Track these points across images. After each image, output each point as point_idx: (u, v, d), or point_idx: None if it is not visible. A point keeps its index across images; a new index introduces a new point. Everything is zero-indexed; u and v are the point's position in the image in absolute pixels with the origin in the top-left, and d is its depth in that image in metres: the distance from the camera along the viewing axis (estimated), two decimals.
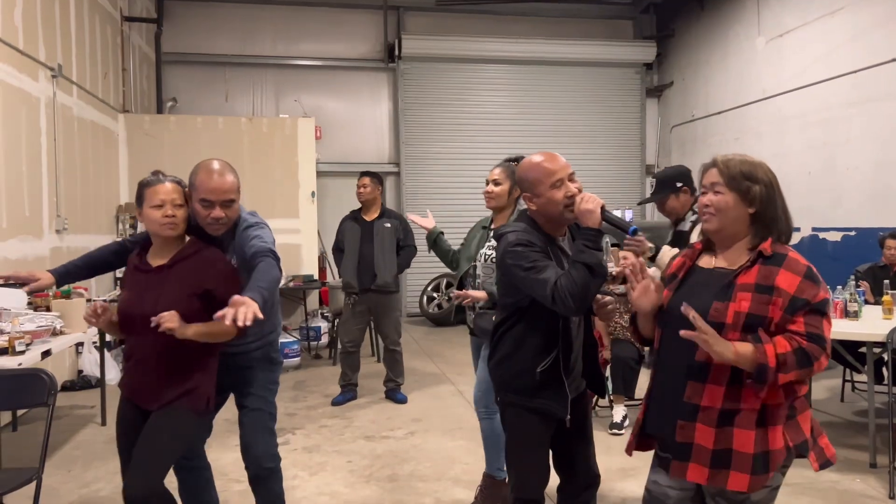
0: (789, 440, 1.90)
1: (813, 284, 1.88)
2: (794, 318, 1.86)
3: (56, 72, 5.94)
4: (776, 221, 1.98)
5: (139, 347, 2.53)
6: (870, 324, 4.32)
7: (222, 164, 2.65)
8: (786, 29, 8.45)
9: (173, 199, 2.51)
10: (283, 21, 10.41)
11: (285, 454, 4.42)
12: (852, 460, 4.22)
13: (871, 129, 7.20)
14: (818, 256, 7.85)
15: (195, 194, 2.59)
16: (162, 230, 2.51)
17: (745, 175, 1.98)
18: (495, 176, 3.48)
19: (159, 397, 2.48)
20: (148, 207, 2.51)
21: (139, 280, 2.56)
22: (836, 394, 5.66)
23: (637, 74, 11.43)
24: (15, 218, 5.18)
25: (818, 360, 1.84)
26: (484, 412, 3.50)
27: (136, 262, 2.62)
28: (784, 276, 1.89)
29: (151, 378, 2.49)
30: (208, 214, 2.59)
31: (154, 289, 2.48)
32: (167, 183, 2.54)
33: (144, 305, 2.44)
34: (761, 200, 1.97)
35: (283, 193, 8.31)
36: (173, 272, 2.51)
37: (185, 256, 2.54)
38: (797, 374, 1.84)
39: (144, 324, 2.35)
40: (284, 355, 6.84)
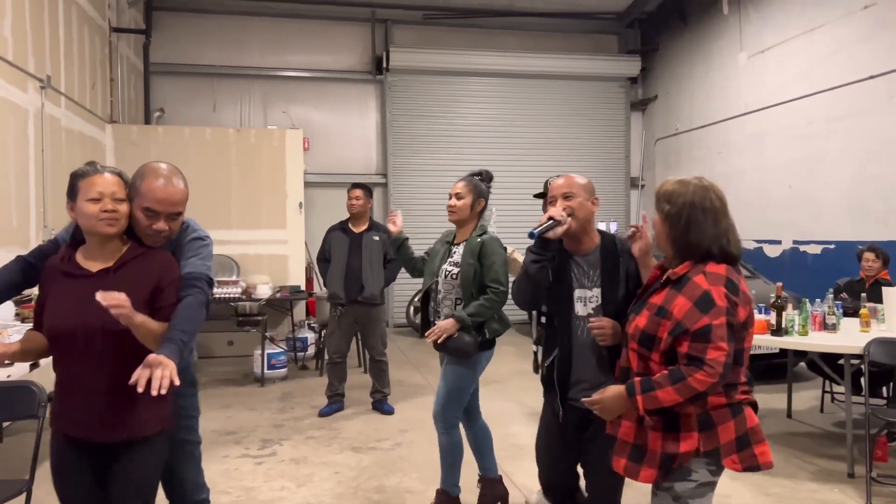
0: (701, 446, 2.03)
1: (698, 311, 1.98)
2: (679, 340, 2.01)
3: (45, 83, 5.95)
4: (683, 243, 2.08)
5: (86, 369, 2.13)
6: (848, 336, 4.41)
7: (171, 170, 2.35)
8: (767, 45, 8.61)
9: (113, 192, 2.17)
10: (271, 32, 10.46)
11: (273, 465, 4.46)
12: (831, 470, 4.31)
13: (850, 144, 7.35)
14: (799, 269, 7.99)
15: (138, 200, 2.28)
16: (99, 227, 2.15)
17: (665, 197, 2.13)
18: (458, 189, 3.48)
19: (121, 426, 2.15)
20: (83, 201, 2.15)
21: (73, 288, 2.16)
22: (815, 405, 5.75)
23: (622, 88, 11.58)
24: (2, 228, 5.18)
25: (694, 378, 1.96)
26: (442, 427, 3.50)
27: (63, 268, 2.21)
28: (679, 301, 2.02)
29: (106, 404, 2.13)
30: (150, 225, 2.29)
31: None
32: (106, 174, 2.20)
33: (89, 317, 2.07)
34: (671, 220, 2.10)
35: (271, 204, 8.33)
36: (121, 276, 2.17)
37: (133, 256, 2.23)
38: (676, 390, 1.99)
39: (91, 340, 2.09)
40: (271, 366, 6.85)
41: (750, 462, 2.05)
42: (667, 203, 2.11)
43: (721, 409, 2.05)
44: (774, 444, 4.80)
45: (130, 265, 2.21)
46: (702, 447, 2.03)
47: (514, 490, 4.00)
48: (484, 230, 3.50)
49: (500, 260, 3.40)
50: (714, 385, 1.97)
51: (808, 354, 5.05)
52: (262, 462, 4.54)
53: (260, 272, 7.96)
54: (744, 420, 2.07)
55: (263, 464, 4.51)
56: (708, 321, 1.96)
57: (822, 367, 4.88)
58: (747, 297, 2.06)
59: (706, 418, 2.04)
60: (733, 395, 2.07)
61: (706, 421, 2.04)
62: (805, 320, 4.40)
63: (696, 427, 2.04)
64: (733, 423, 2.05)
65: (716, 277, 2.02)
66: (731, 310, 1.99)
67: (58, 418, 2.22)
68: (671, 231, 2.10)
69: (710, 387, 1.97)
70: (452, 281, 3.46)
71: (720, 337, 1.95)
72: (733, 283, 2.03)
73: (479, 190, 3.51)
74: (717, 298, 1.97)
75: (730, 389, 2.07)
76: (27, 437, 4.51)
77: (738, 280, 2.05)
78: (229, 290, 7.06)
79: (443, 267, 3.51)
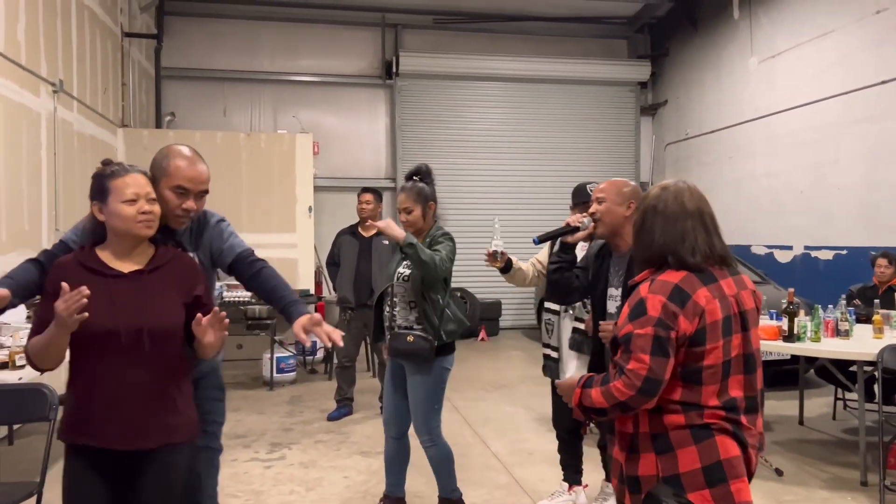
0: (660, 470, 1.88)
1: (628, 319, 1.91)
2: (616, 348, 1.94)
3: (57, 87, 6.00)
4: (641, 246, 2.04)
5: (123, 372, 2.02)
6: (860, 342, 4.37)
7: (193, 150, 2.42)
8: (778, 50, 8.58)
9: (147, 192, 2.11)
10: (281, 37, 10.51)
11: (282, 469, 4.46)
12: (843, 478, 4.26)
13: (861, 149, 7.31)
14: (811, 274, 7.94)
15: (167, 181, 2.30)
16: (137, 229, 2.09)
17: (640, 202, 2.13)
18: (405, 204, 3.40)
19: (154, 431, 2.06)
20: (118, 203, 2.07)
21: (107, 287, 2.05)
22: (827, 412, 5.70)
23: (632, 93, 11.55)
24: (14, 231, 5.21)
25: (615, 386, 1.86)
26: (428, 440, 3.39)
27: (91, 265, 2.09)
28: (625, 308, 1.98)
29: (140, 408, 2.04)
30: (180, 205, 2.31)
31: (138, 296, 2.06)
32: (136, 174, 2.13)
33: (130, 317, 2.02)
34: (633, 226, 2.11)
35: (281, 208, 8.35)
36: (157, 278, 2.12)
37: (166, 261, 2.17)
38: (602, 392, 1.90)
39: (135, 341, 2.01)
40: (280, 370, 6.86)
41: (725, 500, 1.83)
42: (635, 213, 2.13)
43: (679, 429, 1.86)
44: (786, 451, 4.77)
45: (165, 269, 2.14)
46: (661, 472, 1.86)
47: (525, 497, 3.99)
48: (439, 229, 3.45)
49: (447, 245, 3.35)
50: (635, 399, 1.83)
51: (818, 361, 5.02)
52: (272, 466, 4.54)
53: None
54: (713, 449, 1.84)
55: (272, 468, 4.51)
56: (631, 329, 1.86)
57: (831, 374, 4.84)
58: (699, 308, 1.86)
59: (663, 439, 1.88)
60: (696, 416, 1.86)
61: (663, 442, 1.88)
62: (817, 326, 4.37)
63: (652, 448, 1.89)
64: (696, 449, 1.84)
65: (661, 286, 1.89)
66: (667, 321, 1.83)
67: (76, 428, 2.04)
68: (635, 236, 2.07)
69: (630, 399, 1.83)
70: (405, 283, 3.38)
71: (640, 348, 1.83)
72: (682, 293, 1.86)
73: (425, 195, 3.42)
74: (649, 307, 1.85)
75: (690, 409, 1.87)
76: (38, 440, 4.53)
77: (693, 290, 1.87)
78: (239, 294, 7.08)
79: (398, 270, 3.43)
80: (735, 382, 1.91)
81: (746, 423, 1.91)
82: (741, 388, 1.92)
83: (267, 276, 2.43)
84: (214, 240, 2.45)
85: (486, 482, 4.21)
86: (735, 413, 1.90)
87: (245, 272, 2.50)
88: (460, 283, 9.64)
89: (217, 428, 2.60)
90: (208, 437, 2.52)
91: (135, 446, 2.03)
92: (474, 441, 5.04)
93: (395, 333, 3.35)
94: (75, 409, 2.06)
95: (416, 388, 3.37)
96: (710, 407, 1.87)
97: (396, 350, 3.33)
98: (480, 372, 7.39)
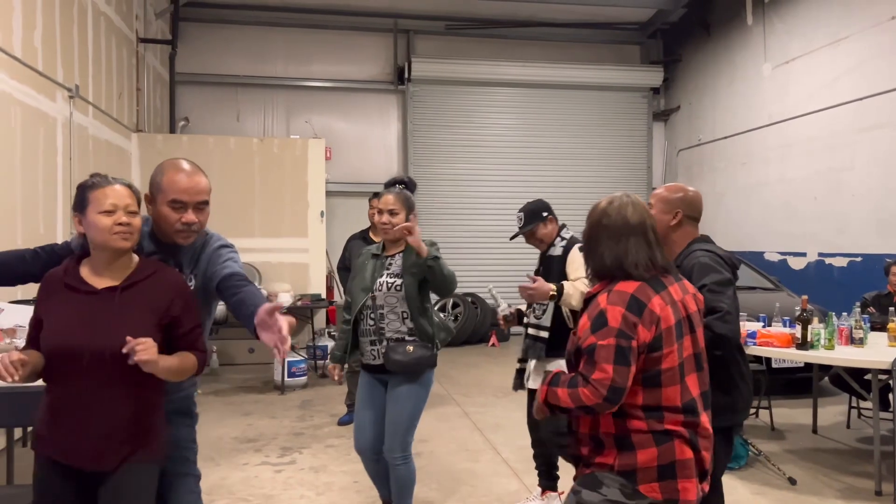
0: (616, 464, 2.00)
1: (588, 330, 1.99)
2: (577, 359, 2.03)
3: (73, 92, 6.07)
4: (594, 257, 2.12)
5: (84, 392, 1.99)
6: (875, 351, 4.33)
7: (191, 163, 2.31)
8: (791, 56, 8.54)
9: (127, 204, 2.06)
10: (294, 43, 10.57)
11: (292, 473, 4.47)
12: (858, 488, 4.22)
13: (878, 156, 7.25)
14: (824, 282, 7.87)
15: (161, 197, 2.22)
16: (113, 241, 2.03)
17: (588, 216, 2.18)
18: (392, 205, 3.26)
19: (113, 454, 2.02)
20: (95, 213, 2.03)
21: (77, 304, 2.03)
22: (841, 420, 5.65)
23: (644, 98, 11.53)
24: (30, 235, 5.26)
25: (582, 391, 1.94)
26: (402, 457, 3.25)
27: (67, 280, 2.07)
28: (583, 319, 2.05)
29: (102, 430, 2.00)
30: (179, 219, 2.22)
31: (105, 316, 2.01)
32: (117, 185, 2.09)
33: (96, 337, 1.98)
34: (584, 239, 2.19)
35: (293, 213, 8.39)
36: (130, 296, 2.05)
37: (144, 277, 2.09)
38: (569, 394, 1.97)
39: (96, 362, 1.96)
40: (291, 374, 6.88)
41: (670, 495, 1.98)
42: (587, 224, 2.18)
43: (642, 433, 1.99)
44: (800, 460, 4.72)
45: (140, 286, 2.07)
46: (616, 465, 2.00)
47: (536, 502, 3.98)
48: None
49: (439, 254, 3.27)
50: (601, 406, 1.93)
51: (833, 369, 4.98)
52: (282, 470, 4.55)
53: (281, 280, 8.02)
54: (671, 451, 1.99)
55: (283, 472, 4.52)
56: (594, 341, 1.95)
57: (846, 382, 4.80)
58: (655, 316, 1.98)
59: (626, 440, 2.00)
60: (656, 422, 1.99)
61: (625, 442, 2.00)
62: (831, 334, 4.33)
63: (615, 446, 2.02)
64: (656, 451, 1.98)
65: (619, 296, 1.99)
66: (627, 331, 1.94)
67: (44, 441, 2.06)
68: (584, 249, 2.17)
69: (596, 405, 1.93)
70: (396, 293, 3.23)
71: (604, 358, 1.92)
72: (638, 303, 1.97)
73: (410, 202, 3.32)
74: (610, 319, 1.95)
75: (651, 414, 2.00)
76: None
77: (648, 299, 1.99)
78: None
79: (380, 280, 3.27)
80: (692, 382, 2.06)
81: (704, 424, 2.06)
82: (697, 385, 2.07)
83: (243, 297, 2.20)
84: (211, 263, 2.32)
85: (496, 488, 4.21)
86: (694, 415, 2.04)
87: (226, 293, 2.28)
88: (471, 288, 9.64)
89: (191, 454, 2.46)
90: (181, 462, 2.39)
91: (93, 466, 2.01)
92: (485, 447, 5.04)
93: (392, 345, 3.20)
94: (43, 423, 2.07)
95: (403, 402, 3.23)
96: (670, 410, 2.00)
97: (396, 362, 3.18)
98: (491, 377, 7.38)
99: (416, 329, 3.24)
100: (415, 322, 3.24)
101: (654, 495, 1.98)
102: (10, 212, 5.00)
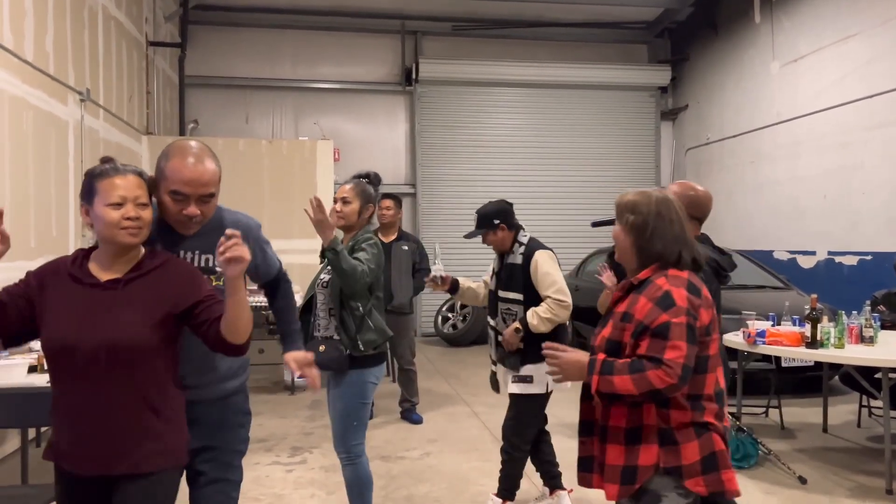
0: (661, 461, 1.97)
1: (658, 309, 1.97)
2: (638, 342, 1.99)
3: (84, 96, 6.12)
4: (648, 250, 2.10)
5: (83, 390, 1.85)
6: (886, 349, 4.32)
7: (201, 148, 2.10)
8: (800, 54, 8.50)
9: (137, 196, 1.91)
10: (303, 45, 10.62)
11: (303, 473, 4.50)
12: (868, 487, 4.21)
13: (888, 153, 7.21)
14: (834, 280, 7.84)
15: (164, 184, 2.04)
16: (120, 236, 1.88)
17: (626, 207, 2.14)
18: (345, 194, 3.23)
19: (118, 458, 1.87)
20: (102, 205, 1.88)
21: (78, 296, 1.89)
22: (852, 419, 5.63)
23: (652, 98, 11.51)
24: (43, 238, 5.32)
25: (654, 373, 1.90)
26: (346, 458, 3.18)
27: (73, 271, 1.93)
28: (640, 302, 2.02)
29: (102, 432, 1.86)
30: (180, 211, 2.05)
31: (105, 309, 1.87)
32: (129, 175, 1.94)
33: (94, 331, 1.84)
34: (636, 230, 2.11)
35: (302, 214, 8.28)
36: (134, 288, 1.91)
37: (150, 269, 1.95)
38: (633, 380, 1.91)
39: (92, 358, 1.83)
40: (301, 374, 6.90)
41: (716, 486, 1.99)
42: (630, 213, 2.13)
43: (685, 427, 1.99)
44: (810, 459, 4.71)
45: (146, 278, 1.93)
46: (662, 462, 1.97)
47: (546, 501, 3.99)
48: (367, 234, 3.26)
49: (371, 252, 3.14)
50: (673, 387, 1.90)
51: (843, 368, 4.96)
52: (293, 470, 4.58)
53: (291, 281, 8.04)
54: (710, 442, 2.01)
55: (294, 471, 4.55)
56: (667, 318, 1.94)
57: (856, 381, 4.78)
58: (709, 301, 2.06)
59: (669, 434, 1.99)
60: (699, 414, 2.01)
61: (668, 437, 1.99)
62: (841, 333, 4.32)
63: (657, 440, 1.98)
64: (698, 444, 1.99)
65: (677, 280, 2.03)
66: (693, 311, 1.97)
67: (54, 450, 1.93)
68: (637, 240, 2.11)
69: (668, 387, 1.89)
70: (324, 290, 3.18)
71: (678, 336, 1.92)
72: (695, 287, 2.03)
73: (367, 195, 3.27)
74: (677, 299, 1.97)
75: (695, 404, 2.01)
76: None
77: (700, 285, 2.06)
78: (261, 298, 7.13)
79: (320, 277, 3.24)
80: (720, 373, 2.11)
81: (726, 416, 2.12)
82: (722, 377, 2.13)
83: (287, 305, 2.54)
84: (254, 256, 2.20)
85: None
86: (721, 404, 2.09)
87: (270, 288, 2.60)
88: None
89: (238, 458, 2.29)
90: (223, 468, 2.22)
91: (99, 472, 1.88)
92: (494, 447, 5.04)
93: (311, 343, 3.10)
94: (54, 429, 1.96)
95: (334, 402, 3.17)
96: (707, 399, 2.03)
97: (318, 363, 2.98)
98: None
99: (338, 326, 3.11)
100: (337, 319, 3.11)
101: (699, 490, 1.97)
102: (24, 215, 5.05)
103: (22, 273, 2.01)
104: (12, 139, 4.86)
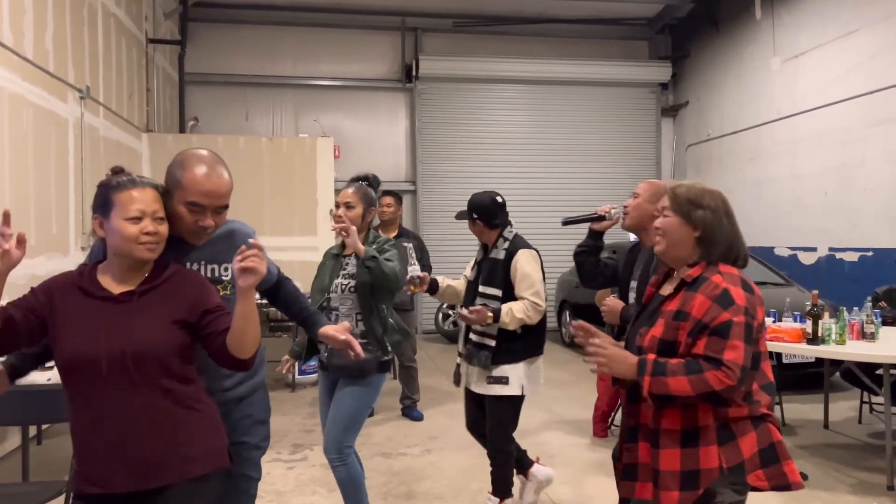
0: (724, 461, 1.91)
1: (718, 307, 1.90)
2: (696, 341, 1.91)
3: (84, 93, 6.11)
4: (715, 245, 2.04)
5: (112, 404, 1.79)
6: (887, 345, 4.31)
7: (214, 158, 2.12)
8: (801, 50, 8.49)
9: (154, 210, 1.88)
10: (303, 42, 10.61)
11: (303, 470, 4.50)
12: (870, 483, 4.21)
13: (888, 149, 7.20)
14: (835, 277, 7.84)
15: (180, 194, 2.02)
16: (138, 251, 1.85)
17: (689, 200, 2.07)
18: (348, 199, 3.21)
19: (159, 469, 1.81)
20: (120, 219, 1.84)
21: (93, 309, 1.84)
22: (853, 416, 5.62)
23: (652, 94, 11.50)
24: (43, 235, 5.31)
25: (713, 374, 1.84)
26: (338, 459, 3.14)
27: (83, 284, 1.88)
28: (697, 300, 1.94)
29: (137, 444, 1.80)
30: (195, 221, 2.04)
31: (123, 320, 1.83)
32: (147, 188, 1.90)
33: (114, 341, 1.79)
34: (705, 225, 2.04)
35: (302, 211, 8.42)
36: (149, 300, 1.88)
37: (162, 280, 1.92)
38: (690, 381, 1.85)
39: (119, 368, 1.78)
40: (302, 371, 6.91)
41: (779, 480, 1.94)
42: (696, 207, 2.04)
43: (741, 420, 1.94)
44: (811, 455, 4.71)
45: (159, 289, 1.90)
46: (725, 462, 1.90)
47: (546, 500, 3.98)
48: (378, 237, 3.28)
49: (395, 253, 3.17)
50: (732, 388, 1.84)
51: (844, 364, 4.96)
52: (294, 467, 4.58)
53: (291, 278, 8.04)
54: (768, 432, 1.96)
55: (295, 468, 4.55)
56: (728, 317, 1.88)
57: (858, 378, 4.78)
58: (761, 298, 2.01)
59: (726, 430, 1.93)
60: (755, 407, 1.97)
61: (726, 433, 1.92)
62: (842, 329, 4.31)
63: (716, 440, 1.92)
64: (755, 435, 1.94)
65: (732, 277, 1.97)
66: (751, 310, 1.92)
67: (80, 474, 1.83)
68: (706, 234, 2.03)
69: (727, 389, 1.83)
70: (350, 295, 3.15)
71: (737, 335, 1.86)
72: (748, 284, 1.99)
73: (370, 198, 3.26)
74: (735, 297, 1.91)
75: (750, 399, 1.97)
76: (66, 440, 4.60)
77: (750, 282, 2.01)
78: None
79: (336, 282, 3.21)
80: (768, 366, 2.07)
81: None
82: (770, 370, 2.09)
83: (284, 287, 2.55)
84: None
85: None
86: (772, 394, 2.05)
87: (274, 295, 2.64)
88: None
89: (259, 454, 2.31)
90: (246, 464, 2.24)
91: (142, 487, 1.80)
92: None
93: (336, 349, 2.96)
94: (77, 454, 1.85)
95: (343, 401, 3.12)
96: (759, 392, 2.01)
97: (340, 366, 3.08)
98: None
99: (367, 331, 3.11)
100: (366, 324, 3.13)
101: (761, 484, 1.93)
102: (24, 212, 5.05)
103: (22, 272, 1.99)
104: (12, 137, 4.85)
